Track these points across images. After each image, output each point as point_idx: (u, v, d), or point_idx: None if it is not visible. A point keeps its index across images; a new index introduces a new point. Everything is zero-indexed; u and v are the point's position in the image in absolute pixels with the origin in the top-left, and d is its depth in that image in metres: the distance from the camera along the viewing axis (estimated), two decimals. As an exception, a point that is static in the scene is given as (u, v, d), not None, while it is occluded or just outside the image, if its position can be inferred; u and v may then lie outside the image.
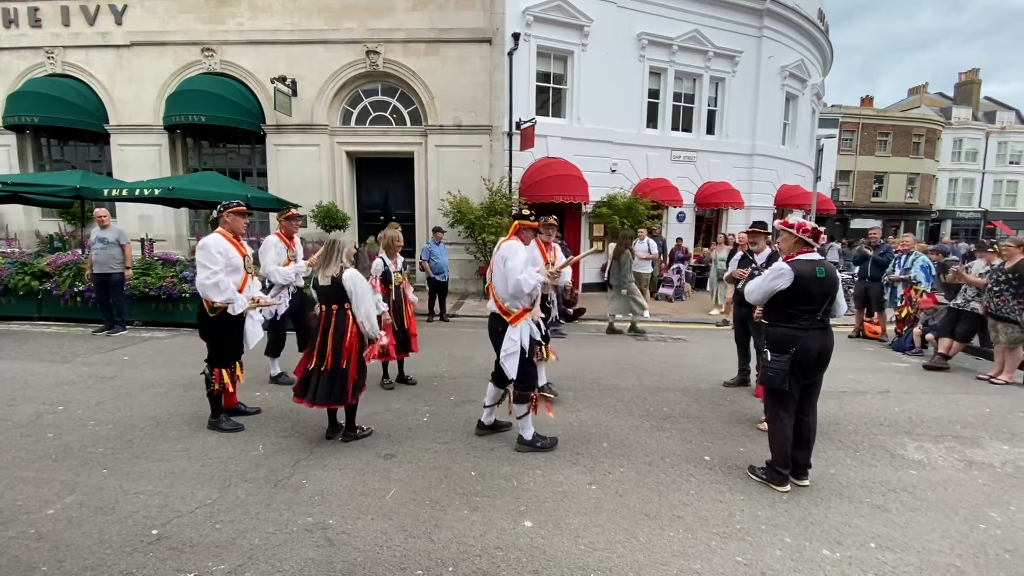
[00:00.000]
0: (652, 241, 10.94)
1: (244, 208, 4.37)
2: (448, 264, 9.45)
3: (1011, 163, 38.16)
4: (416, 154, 12.16)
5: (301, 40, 11.68)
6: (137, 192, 8.60)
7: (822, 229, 3.69)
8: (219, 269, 3.89)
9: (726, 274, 5.93)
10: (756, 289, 3.54)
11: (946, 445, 4.16)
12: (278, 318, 5.28)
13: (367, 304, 3.77)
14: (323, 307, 3.82)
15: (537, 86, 12.47)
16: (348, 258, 3.89)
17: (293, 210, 5.54)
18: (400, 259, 5.37)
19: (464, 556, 2.63)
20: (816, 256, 3.44)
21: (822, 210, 18.43)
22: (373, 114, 12.24)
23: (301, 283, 5.35)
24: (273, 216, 11.89)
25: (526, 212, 3.99)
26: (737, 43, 14.64)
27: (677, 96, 14.49)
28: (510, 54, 11.59)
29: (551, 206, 12.12)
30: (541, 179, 11.78)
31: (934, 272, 7.77)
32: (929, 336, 7.11)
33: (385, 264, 5.17)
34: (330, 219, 11.03)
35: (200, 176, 10.06)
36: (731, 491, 3.37)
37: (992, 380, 5.88)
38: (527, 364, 3.78)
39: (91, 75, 12.33)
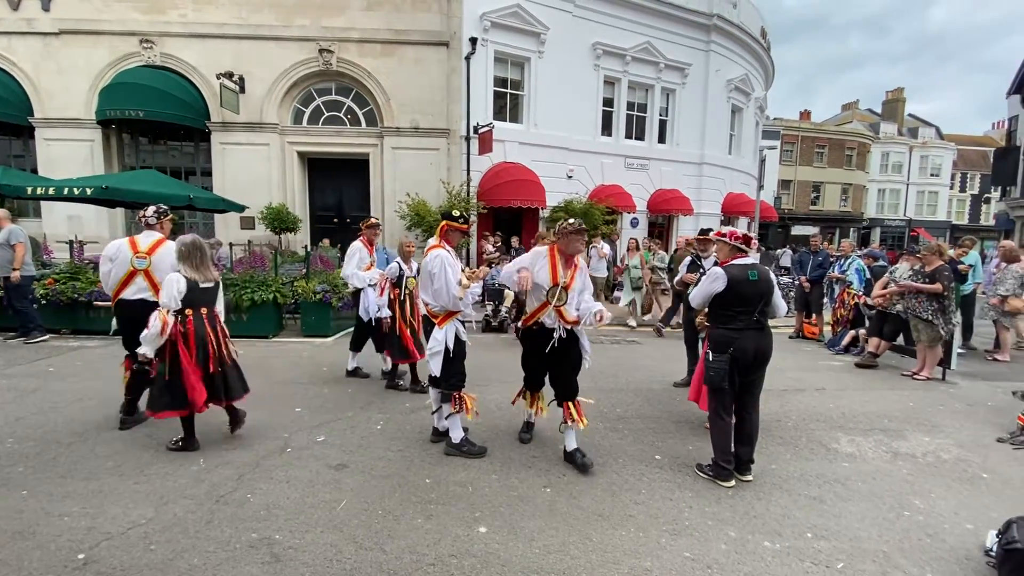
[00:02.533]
0: (605, 244, 11.18)
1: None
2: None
3: (932, 175, 41.50)
4: (372, 155, 11.95)
5: (250, 35, 11.25)
6: (66, 191, 8.02)
7: (752, 236, 3.90)
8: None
9: (676, 279, 6.14)
10: (696, 294, 3.74)
11: (875, 438, 4.45)
12: (372, 318, 5.44)
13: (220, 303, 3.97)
14: (205, 310, 3.72)
15: (495, 91, 12.55)
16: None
17: (373, 219, 5.93)
18: (414, 264, 5.25)
19: (417, 566, 2.59)
20: (749, 260, 3.64)
21: (765, 217, 19.41)
22: (326, 114, 11.95)
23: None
24: (219, 217, 11.39)
25: (456, 212, 3.95)
26: (687, 56, 15.25)
27: (630, 105, 14.92)
28: (468, 58, 11.61)
29: (509, 210, 12.21)
30: (499, 183, 11.84)
31: (867, 275, 8.33)
32: (862, 332, 7.61)
33: (400, 268, 5.21)
34: (280, 221, 10.66)
35: (137, 174, 9.50)
36: (680, 489, 3.48)
37: (915, 376, 6.34)
38: (452, 363, 3.80)
39: (13, 64, 11.42)
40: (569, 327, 3.69)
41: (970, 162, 43.36)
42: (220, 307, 3.95)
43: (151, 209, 4.23)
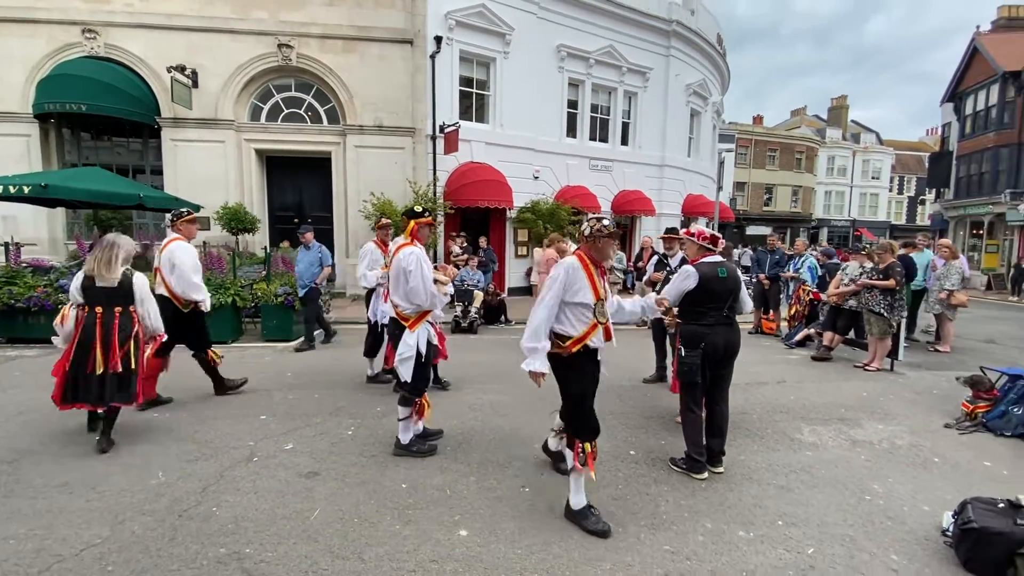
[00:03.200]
0: (572, 244, 11.28)
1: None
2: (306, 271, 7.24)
3: (873, 178, 44.05)
4: (334, 154, 11.65)
5: (204, 27, 10.76)
6: (0, 189, 7.42)
7: (720, 235, 4.03)
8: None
9: (644, 277, 6.25)
10: (669, 292, 3.80)
11: (834, 427, 4.66)
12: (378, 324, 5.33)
13: (152, 305, 3.94)
14: (100, 309, 3.66)
15: (460, 90, 12.46)
16: (127, 261, 3.82)
17: (386, 220, 5.97)
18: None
19: (397, 573, 2.52)
20: (718, 258, 3.75)
21: (723, 218, 20.10)
22: (286, 111, 11.56)
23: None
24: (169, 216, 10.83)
25: (417, 208, 3.89)
26: (648, 60, 15.60)
27: (594, 107, 15.14)
28: (433, 57, 11.48)
29: (476, 210, 12.15)
30: (466, 183, 11.76)
31: (819, 272, 8.73)
32: (814, 330, 7.97)
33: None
34: (238, 221, 10.23)
35: (81, 172, 8.93)
36: (656, 483, 3.54)
37: (866, 367, 6.69)
38: (423, 368, 3.76)
39: (-63, 52, 10.52)
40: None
41: (907, 166, 46.21)
42: (145, 309, 3.85)
43: (170, 213, 5.05)
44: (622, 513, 3.14)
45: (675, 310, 4.04)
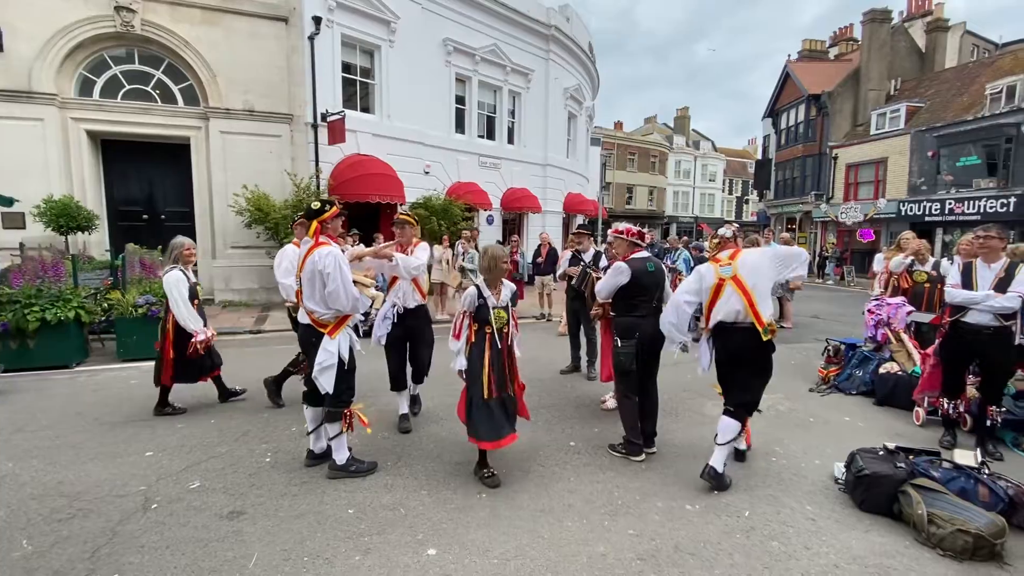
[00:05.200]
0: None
1: None
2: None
3: (710, 180, 50.83)
4: (194, 140, 10.11)
5: (4, -25, 8.55)
6: None
7: (647, 231, 4.33)
8: None
9: (559, 271, 6.46)
10: (604, 287, 4.00)
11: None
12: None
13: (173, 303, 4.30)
14: None
15: (344, 77, 11.64)
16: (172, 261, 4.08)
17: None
18: (507, 288, 3.50)
19: (376, 609, 2.28)
20: (646, 254, 4.02)
21: (596, 215, 21.62)
22: (128, 87, 9.71)
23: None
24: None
25: (315, 206, 3.47)
26: (530, 62, 16.09)
27: (482, 105, 15.21)
28: (311, 38, 10.54)
29: (366, 206, 11.49)
30: (354, 176, 11.03)
31: (692, 264, 9.82)
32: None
33: (481, 295, 3.37)
34: (68, 218, 8.35)
35: None
36: (602, 470, 3.69)
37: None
38: (345, 377, 3.46)
39: None
40: None
41: (734, 170, 54.07)
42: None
43: None
44: (581, 504, 3.22)
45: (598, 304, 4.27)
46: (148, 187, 10.52)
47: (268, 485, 3.36)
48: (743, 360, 3.50)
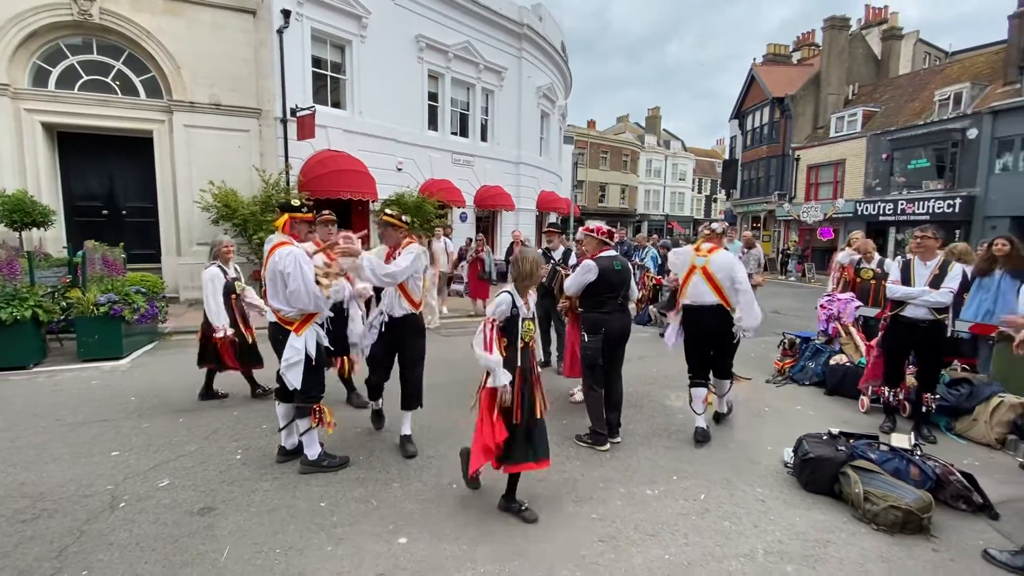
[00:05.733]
0: (445, 238, 11.27)
1: None
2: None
3: (680, 179, 51.89)
4: (157, 133, 9.82)
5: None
6: None
7: (615, 230, 4.51)
8: None
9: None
10: (572, 283, 4.15)
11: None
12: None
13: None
14: None
15: (314, 72, 11.49)
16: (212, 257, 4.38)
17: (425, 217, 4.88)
18: (533, 295, 3.12)
19: (348, 595, 2.37)
20: (613, 252, 4.19)
21: (569, 213, 21.90)
22: (86, 78, 9.37)
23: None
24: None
25: (295, 203, 3.56)
26: (503, 60, 16.17)
27: (455, 102, 15.22)
28: (280, 31, 10.38)
29: (338, 202, 11.38)
30: (325, 172, 10.92)
31: (660, 262, 10.11)
32: (654, 309, 9.27)
33: (515, 304, 2.95)
34: (22, 213, 8.03)
35: None
36: (568, 460, 3.84)
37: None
38: (313, 373, 3.49)
39: None
40: None
41: (703, 170, 55.35)
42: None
43: None
44: (548, 492, 3.36)
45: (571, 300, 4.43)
46: (108, 182, 10.18)
47: (239, 481, 3.39)
48: (709, 336, 4.23)
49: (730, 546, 2.83)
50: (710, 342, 4.26)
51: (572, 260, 5.87)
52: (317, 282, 3.45)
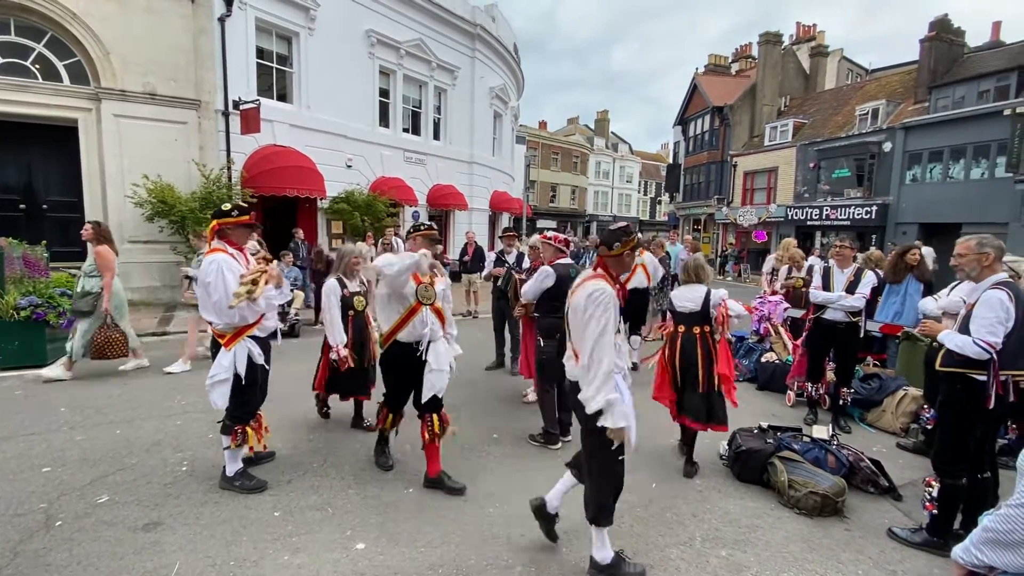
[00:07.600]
0: (398, 239, 11.17)
1: None
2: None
3: (627, 182, 53.52)
4: (82, 123, 9.15)
5: None
6: None
7: (570, 238, 4.71)
8: None
9: (484, 272, 6.70)
10: (529, 289, 4.31)
11: (637, 391, 5.82)
12: None
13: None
14: None
15: (259, 64, 11.05)
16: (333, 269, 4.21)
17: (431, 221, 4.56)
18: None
19: (307, 602, 2.39)
20: (569, 260, 4.38)
21: (522, 213, 22.16)
22: (1, 60, 8.58)
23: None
24: None
25: (227, 207, 3.32)
26: (455, 59, 16.13)
27: (407, 99, 15.05)
28: (221, 20, 9.91)
29: (284, 200, 11.03)
30: (270, 168, 10.54)
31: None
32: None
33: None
34: (-78, 207, 7.27)
35: None
36: (523, 459, 3.99)
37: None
38: (242, 393, 3.29)
39: None
40: None
41: (649, 173, 57.34)
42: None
43: None
44: (503, 491, 3.49)
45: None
46: (26, 174, 9.37)
47: (186, 494, 3.30)
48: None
49: (671, 535, 3.07)
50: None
51: (526, 263, 6.03)
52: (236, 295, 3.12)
